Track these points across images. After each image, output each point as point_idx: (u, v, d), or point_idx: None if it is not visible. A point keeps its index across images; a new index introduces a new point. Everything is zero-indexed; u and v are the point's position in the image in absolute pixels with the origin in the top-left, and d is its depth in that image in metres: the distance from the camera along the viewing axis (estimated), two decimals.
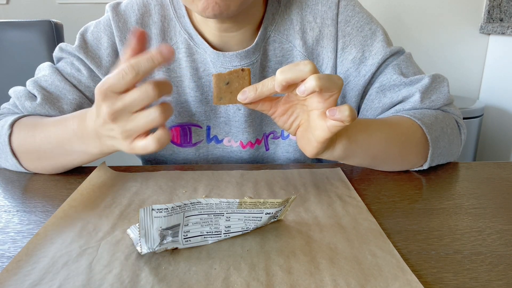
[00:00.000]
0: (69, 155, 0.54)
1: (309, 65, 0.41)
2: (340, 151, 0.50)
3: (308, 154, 0.49)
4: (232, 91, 0.46)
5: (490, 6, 1.81)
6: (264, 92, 0.44)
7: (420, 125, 0.57)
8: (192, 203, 0.36)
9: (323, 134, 0.44)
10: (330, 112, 0.42)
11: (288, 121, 0.49)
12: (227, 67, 0.64)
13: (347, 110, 0.41)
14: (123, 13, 0.65)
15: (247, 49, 0.63)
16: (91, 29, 0.67)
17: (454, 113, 0.64)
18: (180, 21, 0.65)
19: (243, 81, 0.46)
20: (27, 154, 0.57)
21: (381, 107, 0.65)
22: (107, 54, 0.65)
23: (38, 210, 0.49)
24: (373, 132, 0.53)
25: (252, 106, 0.47)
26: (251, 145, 0.71)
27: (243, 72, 0.46)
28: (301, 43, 0.66)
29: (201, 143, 0.71)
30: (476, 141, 1.74)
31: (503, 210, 0.48)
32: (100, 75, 0.66)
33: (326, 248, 0.39)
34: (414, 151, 0.57)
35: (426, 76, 0.63)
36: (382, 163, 0.58)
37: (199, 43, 0.65)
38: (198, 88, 0.67)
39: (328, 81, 0.41)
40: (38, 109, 0.62)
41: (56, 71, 0.65)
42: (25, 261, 0.37)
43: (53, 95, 0.63)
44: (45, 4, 1.82)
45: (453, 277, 0.36)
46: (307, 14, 0.65)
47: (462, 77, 1.94)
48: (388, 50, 0.64)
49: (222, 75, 0.46)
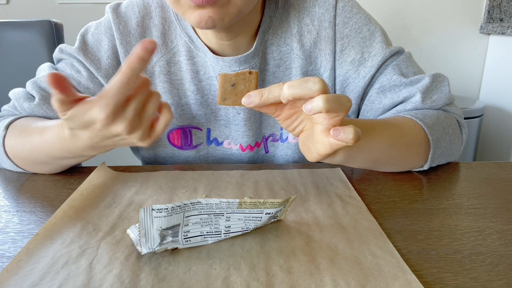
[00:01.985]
0: (62, 160, 0.55)
1: (319, 84, 0.40)
2: (341, 158, 0.50)
3: (309, 160, 0.49)
4: (237, 93, 0.45)
5: (490, 6, 1.81)
6: (270, 99, 0.43)
7: (422, 125, 0.57)
8: (192, 203, 0.36)
9: (324, 149, 0.44)
10: (334, 132, 0.42)
11: (292, 125, 0.48)
12: (226, 71, 0.64)
13: (351, 133, 0.40)
14: (123, 15, 0.65)
15: (246, 54, 0.62)
16: (91, 30, 0.66)
17: (455, 113, 0.64)
18: (181, 23, 0.65)
19: (249, 84, 0.45)
20: (19, 159, 0.58)
21: (381, 108, 0.64)
22: (107, 56, 0.65)
23: (38, 210, 0.49)
24: (376, 136, 0.53)
25: (257, 108, 0.47)
26: (251, 148, 0.70)
27: (250, 75, 0.45)
28: (299, 46, 0.65)
29: (201, 146, 0.70)
30: (476, 141, 1.74)
31: (503, 210, 0.48)
32: (99, 77, 0.65)
33: (326, 248, 0.39)
34: (415, 153, 0.57)
35: (427, 76, 0.62)
36: (383, 166, 0.58)
37: (199, 46, 0.64)
38: (198, 91, 0.67)
39: (336, 104, 0.40)
40: (36, 110, 0.62)
41: None
42: (25, 261, 0.37)
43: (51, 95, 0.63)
44: (45, 4, 1.82)
45: (453, 277, 0.36)
46: (304, 17, 0.65)
47: (462, 77, 1.94)
48: (388, 50, 0.64)
49: (228, 75, 0.45)
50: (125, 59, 0.42)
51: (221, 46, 0.63)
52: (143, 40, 0.39)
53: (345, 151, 0.49)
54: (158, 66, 0.66)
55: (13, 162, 0.58)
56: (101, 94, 0.41)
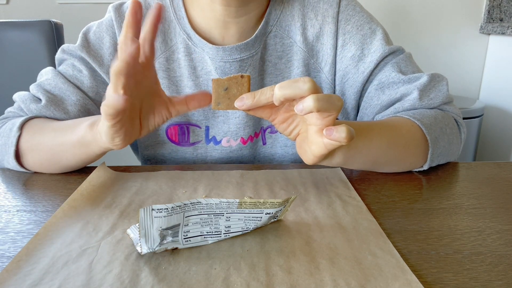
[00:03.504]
0: (82, 154, 0.56)
1: (308, 83, 0.40)
2: (339, 159, 0.50)
3: (306, 162, 0.49)
4: (230, 97, 0.46)
5: (490, 6, 1.81)
6: (262, 101, 0.44)
7: (420, 125, 0.57)
8: (192, 203, 0.36)
9: (319, 150, 0.45)
10: (327, 132, 0.42)
11: (288, 129, 0.49)
12: (227, 60, 0.65)
13: (344, 131, 0.41)
14: (125, 14, 0.66)
15: (247, 41, 0.64)
16: (93, 29, 0.68)
17: (454, 112, 0.64)
18: (180, 22, 0.66)
19: (242, 87, 0.46)
20: (36, 154, 0.58)
21: (379, 105, 0.65)
22: (109, 53, 0.67)
23: (38, 210, 0.49)
24: (374, 137, 0.53)
25: (252, 112, 0.47)
26: (251, 139, 0.71)
27: (242, 78, 0.45)
28: (302, 39, 0.67)
29: (199, 144, 0.71)
30: (476, 141, 1.74)
31: (503, 210, 0.48)
32: (102, 73, 0.66)
33: (326, 248, 0.39)
34: (414, 153, 0.57)
35: (425, 75, 0.63)
36: (383, 166, 0.58)
37: (197, 42, 0.66)
38: (196, 87, 0.68)
39: (327, 103, 0.40)
40: (44, 111, 0.63)
41: (59, 74, 0.66)
42: (25, 261, 0.37)
43: (57, 97, 0.64)
44: (45, 4, 1.82)
45: (453, 277, 0.36)
46: (308, 11, 0.67)
47: (462, 77, 1.94)
48: (387, 48, 0.65)
49: (221, 80, 0.46)
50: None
51: (228, 25, 0.64)
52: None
53: (343, 152, 0.50)
54: (157, 62, 0.67)
55: (17, 162, 0.58)
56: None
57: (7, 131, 0.60)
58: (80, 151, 0.55)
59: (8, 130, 0.60)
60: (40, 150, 0.58)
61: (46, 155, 0.57)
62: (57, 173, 0.60)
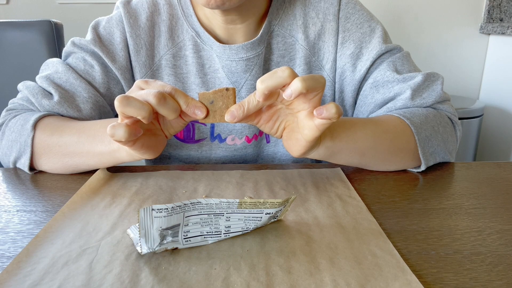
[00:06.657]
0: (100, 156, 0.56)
1: (287, 70, 0.41)
2: (325, 149, 0.52)
3: (295, 154, 0.50)
4: (216, 110, 0.47)
5: (490, 6, 1.81)
6: (251, 109, 0.45)
7: (409, 124, 0.57)
8: (192, 203, 0.36)
9: (311, 133, 0.45)
10: (317, 111, 0.43)
11: (274, 127, 0.50)
12: (233, 59, 0.65)
13: (333, 107, 0.42)
14: (134, 9, 0.67)
15: (253, 41, 0.64)
16: (103, 24, 0.68)
17: (447, 111, 0.64)
18: (188, 20, 0.67)
19: (227, 100, 0.46)
20: (52, 156, 0.57)
21: (373, 103, 0.66)
22: (120, 49, 0.66)
23: (38, 210, 0.49)
24: (358, 129, 0.54)
25: (237, 121, 0.47)
26: (255, 137, 0.72)
27: (227, 91, 0.46)
28: (303, 37, 0.68)
29: (204, 141, 0.71)
30: (476, 141, 1.74)
31: (503, 210, 0.48)
32: (114, 69, 0.66)
33: (326, 248, 0.39)
34: (404, 149, 0.57)
35: (420, 74, 0.63)
36: (372, 161, 0.57)
37: (205, 39, 0.66)
38: (203, 84, 0.68)
39: (313, 81, 0.41)
40: (56, 108, 0.62)
41: (70, 69, 0.64)
42: (25, 262, 0.37)
43: (68, 92, 0.63)
44: (45, 4, 1.82)
45: (453, 277, 0.36)
46: (310, 11, 0.68)
47: (462, 77, 1.94)
48: (384, 46, 0.65)
49: (206, 94, 0.46)
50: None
51: (230, 31, 0.65)
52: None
53: (327, 142, 0.51)
54: (164, 59, 0.68)
55: (31, 159, 0.58)
56: None
57: (19, 127, 0.59)
58: (109, 161, 0.55)
59: (19, 126, 0.59)
60: (57, 153, 0.56)
61: (65, 159, 0.57)
62: (57, 173, 0.59)
